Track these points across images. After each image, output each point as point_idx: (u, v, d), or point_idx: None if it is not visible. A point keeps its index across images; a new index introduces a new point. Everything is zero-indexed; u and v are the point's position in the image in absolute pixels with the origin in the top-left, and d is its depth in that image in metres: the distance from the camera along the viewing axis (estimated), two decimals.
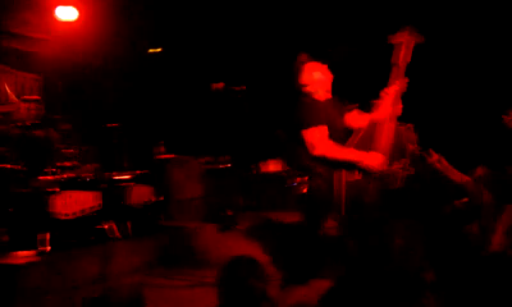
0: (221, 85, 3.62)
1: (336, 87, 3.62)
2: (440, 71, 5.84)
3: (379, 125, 3.38)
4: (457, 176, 3.58)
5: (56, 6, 5.56)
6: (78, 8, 5.69)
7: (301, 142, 3.38)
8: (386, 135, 3.34)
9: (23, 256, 3.78)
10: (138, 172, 5.37)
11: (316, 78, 3.53)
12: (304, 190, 4.93)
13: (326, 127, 3.33)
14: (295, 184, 6.32)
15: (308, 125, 3.31)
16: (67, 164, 4.79)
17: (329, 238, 3.32)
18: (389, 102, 3.38)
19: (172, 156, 6.00)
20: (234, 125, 5.50)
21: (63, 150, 4.83)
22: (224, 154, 6.27)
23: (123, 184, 5.04)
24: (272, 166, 6.43)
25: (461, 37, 5.74)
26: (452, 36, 5.70)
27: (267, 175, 6.44)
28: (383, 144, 3.34)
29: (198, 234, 5.00)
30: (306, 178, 4.29)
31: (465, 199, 3.59)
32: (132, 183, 5.11)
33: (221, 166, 6.33)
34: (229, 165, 6.12)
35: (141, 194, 5.07)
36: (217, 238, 4.95)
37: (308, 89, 3.54)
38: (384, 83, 3.49)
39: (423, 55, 3.51)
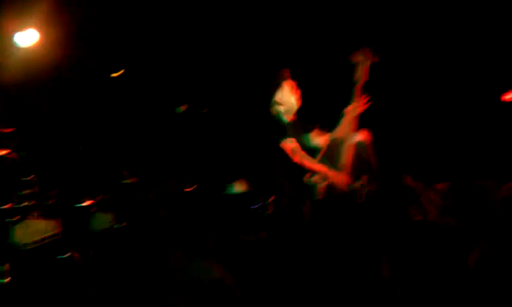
0: (184, 107, 3.64)
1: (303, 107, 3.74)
2: (400, 88, 6.09)
3: (341, 143, 3.48)
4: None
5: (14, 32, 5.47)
6: (38, 31, 5.60)
7: (276, 157, 3.46)
8: (347, 153, 3.44)
9: None
10: (101, 197, 5.29)
11: (292, 100, 3.64)
12: (270, 211, 5.02)
13: (290, 140, 3.48)
14: (260, 204, 6.35)
15: (285, 137, 3.42)
16: (26, 191, 4.67)
17: (297, 256, 3.39)
18: (349, 120, 3.50)
19: (135, 180, 5.94)
20: (199, 146, 5.54)
21: (22, 177, 4.72)
22: (190, 176, 6.25)
23: (86, 210, 4.96)
24: (238, 187, 6.45)
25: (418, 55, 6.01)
26: (409, 53, 5.97)
27: (233, 196, 6.45)
28: (345, 162, 3.44)
29: (167, 258, 4.93)
30: (272, 198, 4.37)
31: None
32: (94, 209, 5.03)
33: (187, 189, 6.30)
34: (195, 187, 6.11)
35: (103, 220, 5.00)
36: (187, 262, 4.91)
37: (280, 107, 3.63)
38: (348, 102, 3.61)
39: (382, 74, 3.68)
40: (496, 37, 5.77)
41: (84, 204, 5.03)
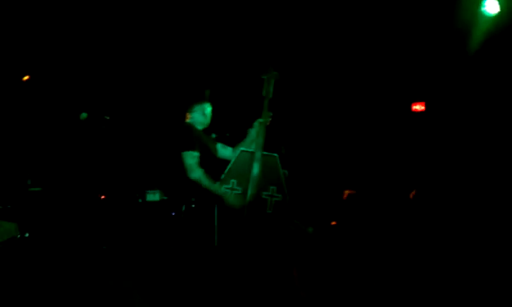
0: (85, 114, 3.61)
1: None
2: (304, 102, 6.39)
3: (251, 154, 3.60)
4: None
5: None
6: None
7: (180, 166, 3.50)
8: (256, 164, 3.56)
9: None
10: (5, 206, 5.07)
11: (207, 111, 3.72)
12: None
13: (198, 154, 3.54)
14: (177, 211, 6.34)
15: (187, 148, 3.50)
16: None
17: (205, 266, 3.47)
18: (258, 132, 3.63)
19: (39, 189, 5.73)
20: (104, 155, 5.45)
21: None
22: (99, 185, 6.13)
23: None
24: (153, 195, 6.40)
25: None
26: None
27: (151, 204, 6.39)
28: (254, 172, 3.56)
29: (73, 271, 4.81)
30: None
31: None
32: None
33: (101, 197, 6.16)
34: (103, 196, 5.99)
35: (4, 231, 4.79)
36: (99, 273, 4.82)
37: (192, 117, 3.70)
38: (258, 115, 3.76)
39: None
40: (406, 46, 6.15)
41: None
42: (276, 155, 3.68)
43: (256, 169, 3.57)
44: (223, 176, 3.58)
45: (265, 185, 3.59)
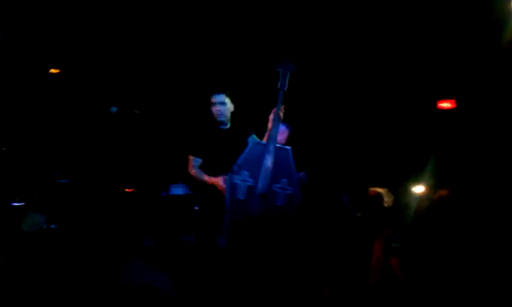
0: (115, 108, 3.71)
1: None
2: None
3: (262, 146, 3.65)
4: None
5: None
6: None
7: None
8: (268, 156, 3.61)
9: None
10: (33, 198, 5.23)
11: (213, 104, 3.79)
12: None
13: (194, 158, 3.79)
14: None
15: (188, 152, 3.79)
16: None
17: (221, 254, 3.54)
18: (269, 126, 3.66)
19: (67, 181, 5.89)
20: (133, 149, 5.57)
21: None
22: (129, 178, 6.26)
23: (17, 211, 4.91)
24: (177, 189, 6.51)
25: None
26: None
27: (175, 199, 6.49)
28: (266, 165, 3.60)
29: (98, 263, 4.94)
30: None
31: None
32: (26, 210, 4.99)
33: (126, 190, 6.30)
34: (132, 190, 6.12)
35: (35, 222, 4.95)
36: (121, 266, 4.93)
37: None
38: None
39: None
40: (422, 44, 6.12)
41: (15, 204, 4.97)
42: (288, 148, 3.71)
43: (268, 161, 3.60)
44: (235, 167, 3.63)
45: (276, 178, 3.62)
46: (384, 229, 3.89)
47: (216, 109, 3.78)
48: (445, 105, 6.68)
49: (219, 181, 3.64)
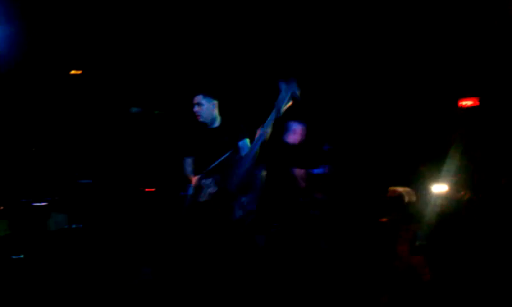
0: (136, 109, 3.73)
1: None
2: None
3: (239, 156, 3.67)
4: None
5: None
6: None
7: None
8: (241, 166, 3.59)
9: None
10: (55, 198, 5.30)
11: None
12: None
13: (185, 157, 3.88)
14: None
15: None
16: None
17: None
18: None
19: (89, 181, 5.94)
20: (153, 149, 5.60)
21: None
22: (148, 179, 6.30)
23: (39, 211, 4.97)
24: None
25: None
26: None
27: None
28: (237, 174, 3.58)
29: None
30: None
31: None
32: (48, 210, 5.05)
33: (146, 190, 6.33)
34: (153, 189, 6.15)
35: (57, 221, 5.02)
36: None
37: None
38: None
39: None
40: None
41: (38, 204, 5.04)
42: (260, 171, 3.61)
43: (240, 173, 3.47)
44: (207, 169, 3.60)
45: (244, 191, 3.53)
46: (406, 229, 3.86)
47: (194, 110, 3.81)
48: (467, 103, 6.58)
49: (193, 180, 3.67)
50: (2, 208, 4.74)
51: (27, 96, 6.21)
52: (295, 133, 4.78)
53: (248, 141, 3.78)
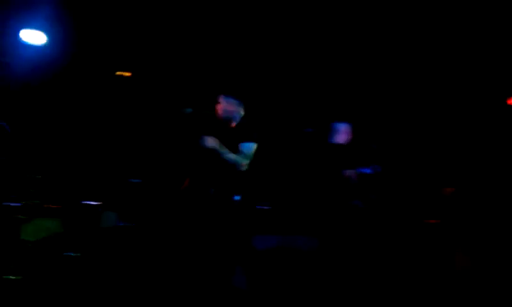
0: (189, 109, 3.81)
1: None
2: None
3: None
4: None
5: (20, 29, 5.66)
6: (45, 32, 5.78)
7: None
8: None
9: None
10: (106, 197, 5.43)
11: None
12: None
13: None
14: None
15: None
16: (34, 189, 4.84)
17: None
18: None
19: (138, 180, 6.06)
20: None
21: (30, 176, 4.89)
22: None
23: (91, 210, 5.10)
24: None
25: None
26: None
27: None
28: None
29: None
30: None
31: None
32: (99, 209, 5.18)
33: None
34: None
35: (109, 220, 5.15)
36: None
37: None
38: None
39: None
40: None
41: (90, 203, 5.18)
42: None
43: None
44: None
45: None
46: (459, 231, 3.82)
47: (216, 108, 3.95)
48: None
49: None
50: (59, 206, 4.91)
51: (78, 98, 6.41)
52: (342, 134, 4.76)
53: (252, 145, 3.83)
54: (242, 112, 3.93)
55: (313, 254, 4.32)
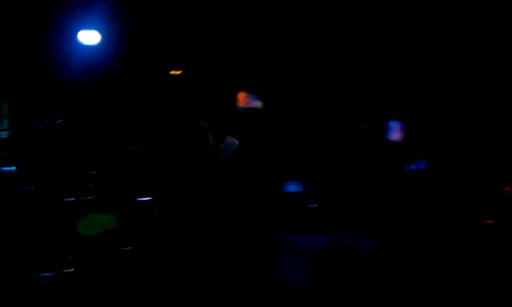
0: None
1: None
2: None
3: None
4: None
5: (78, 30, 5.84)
6: (99, 32, 5.94)
7: None
8: None
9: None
10: (158, 194, 5.50)
11: None
12: None
13: None
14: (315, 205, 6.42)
15: None
16: (89, 185, 4.97)
17: None
18: None
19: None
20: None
21: (85, 171, 5.03)
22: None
23: (145, 206, 5.19)
24: (292, 186, 6.52)
25: None
26: None
27: (289, 195, 6.50)
28: None
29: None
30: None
31: None
32: (152, 205, 5.26)
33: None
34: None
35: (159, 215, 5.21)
36: None
37: None
38: None
39: None
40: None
41: (143, 198, 5.27)
42: None
43: None
44: None
45: None
46: None
47: None
48: None
49: None
50: (114, 202, 5.04)
51: (130, 97, 6.55)
52: (396, 132, 4.73)
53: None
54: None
55: (373, 254, 4.24)
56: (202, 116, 6.11)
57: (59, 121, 4.79)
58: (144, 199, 5.36)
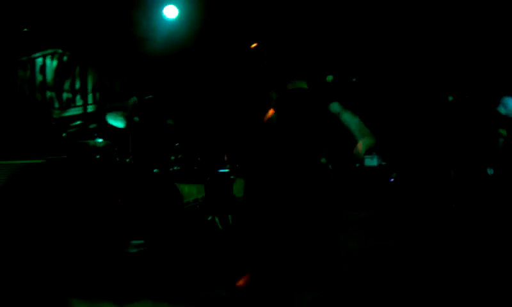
0: (331, 77, 3.77)
1: None
2: None
3: None
4: None
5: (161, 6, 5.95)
6: (178, 6, 6.02)
7: None
8: None
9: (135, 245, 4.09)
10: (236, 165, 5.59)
11: None
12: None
13: None
14: (392, 179, 6.31)
15: None
16: (175, 156, 5.12)
17: None
18: None
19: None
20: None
21: (171, 143, 5.17)
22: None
23: (225, 177, 5.28)
24: (371, 160, 6.42)
25: None
26: None
27: (368, 170, 6.41)
28: None
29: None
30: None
31: None
32: (233, 176, 5.33)
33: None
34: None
35: (241, 187, 5.30)
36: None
37: None
38: None
39: None
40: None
41: (225, 170, 5.35)
42: None
43: None
44: None
45: None
46: None
47: None
48: None
49: None
50: (199, 173, 5.17)
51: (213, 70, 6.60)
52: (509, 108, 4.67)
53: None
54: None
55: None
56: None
57: (148, 97, 4.92)
58: (226, 171, 5.46)
